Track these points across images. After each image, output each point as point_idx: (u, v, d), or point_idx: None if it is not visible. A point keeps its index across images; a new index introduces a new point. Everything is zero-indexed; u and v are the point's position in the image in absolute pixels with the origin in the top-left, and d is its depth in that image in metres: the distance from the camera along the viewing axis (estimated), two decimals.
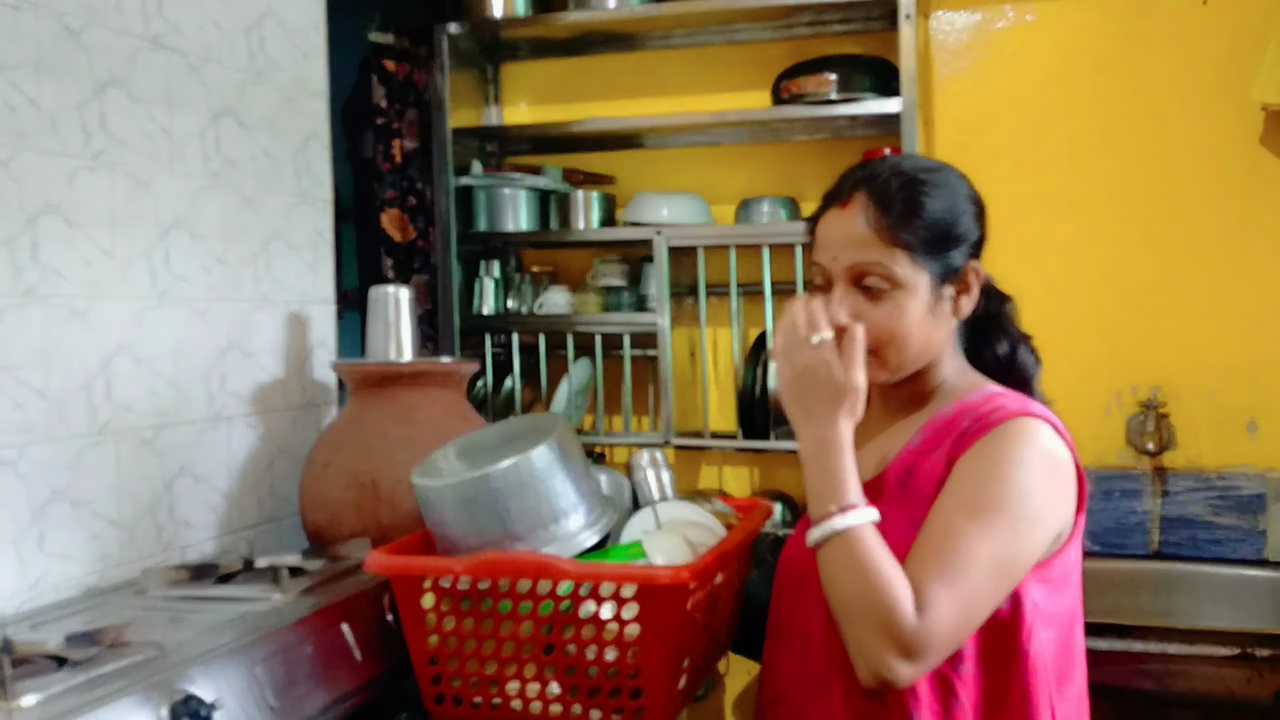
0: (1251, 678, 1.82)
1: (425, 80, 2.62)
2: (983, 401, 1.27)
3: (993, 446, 1.20)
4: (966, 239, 1.29)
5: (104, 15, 1.67)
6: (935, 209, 1.26)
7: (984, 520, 1.15)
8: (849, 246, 1.26)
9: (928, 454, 1.26)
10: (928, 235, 1.25)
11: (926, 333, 1.27)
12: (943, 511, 1.18)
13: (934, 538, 1.17)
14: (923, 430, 1.29)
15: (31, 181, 1.55)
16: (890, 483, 1.28)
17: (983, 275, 1.31)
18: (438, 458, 1.60)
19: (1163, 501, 2.34)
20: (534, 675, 1.43)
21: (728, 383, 2.59)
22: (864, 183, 1.27)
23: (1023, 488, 1.17)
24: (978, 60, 2.47)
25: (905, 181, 1.26)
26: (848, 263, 1.26)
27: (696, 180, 2.62)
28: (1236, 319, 2.31)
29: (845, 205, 1.27)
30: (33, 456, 1.54)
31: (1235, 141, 2.31)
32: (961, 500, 1.18)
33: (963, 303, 1.30)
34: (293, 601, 1.50)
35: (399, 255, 2.56)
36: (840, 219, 1.28)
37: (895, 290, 1.24)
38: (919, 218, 1.25)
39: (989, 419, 1.22)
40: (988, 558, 1.14)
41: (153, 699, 1.17)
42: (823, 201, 1.32)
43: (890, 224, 1.24)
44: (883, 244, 1.24)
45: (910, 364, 1.29)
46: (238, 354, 1.94)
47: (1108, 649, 1.86)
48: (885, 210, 1.24)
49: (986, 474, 1.18)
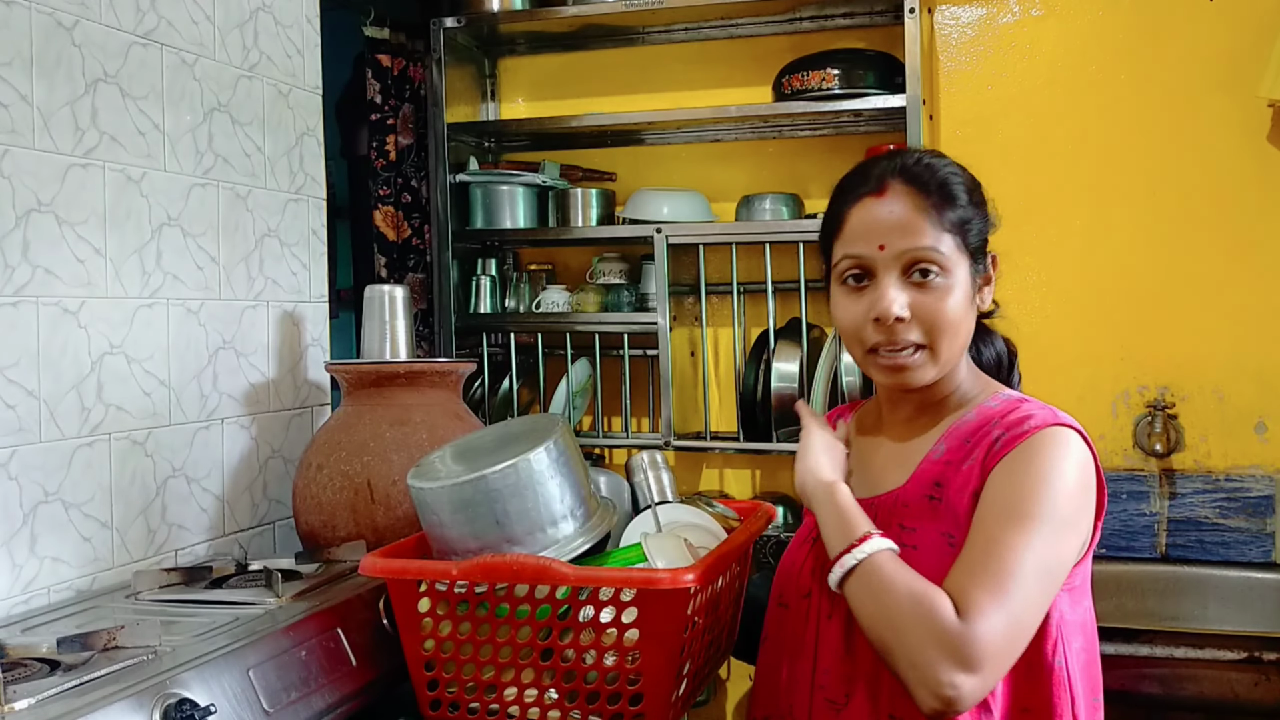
0: (1259, 681, 1.80)
1: (421, 75, 2.59)
2: (1006, 408, 1.23)
3: (1029, 456, 1.16)
4: (988, 229, 1.28)
5: (96, 10, 1.65)
6: (964, 194, 1.25)
7: (1026, 528, 1.12)
8: (898, 233, 1.21)
9: (956, 465, 1.22)
10: (965, 218, 1.23)
11: (968, 324, 1.25)
12: (983, 523, 1.15)
13: (977, 549, 1.13)
14: (945, 439, 1.25)
15: (22, 179, 1.53)
16: (916, 496, 1.24)
17: (998, 266, 1.30)
18: (434, 459, 1.58)
19: (1170, 503, 2.32)
20: (532, 680, 1.42)
21: (729, 383, 2.57)
22: (898, 171, 1.24)
23: (1061, 495, 1.15)
24: (983, 55, 2.45)
25: (931, 165, 1.25)
26: (899, 249, 1.21)
27: (697, 177, 2.60)
28: (1245, 319, 2.30)
29: (882, 193, 1.23)
30: (24, 458, 1.53)
31: (1242, 138, 2.29)
32: (1001, 510, 1.15)
33: (986, 293, 1.29)
34: (287, 605, 1.49)
35: (392, 254, 2.54)
36: (881, 206, 1.23)
37: (945, 276, 1.21)
38: (956, 200, 1.23)
39: (1021, 428, 1.18)
40: (1033, 565, 1.11)
41: (145, 703, 1.16)
42: (843, 191, 1.28)
43: (934, 206, 1.21)
44: (932, 228, 1.21)
45: (954, 359, 1.25)
46: (231, 354, 1.92)
47: (1114, 653, 1.84)
48: (926, 194, 1.22)
49: (1025, 483, 1.15)
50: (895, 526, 1.23)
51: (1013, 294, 2.42)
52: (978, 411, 1.25)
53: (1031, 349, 2.40)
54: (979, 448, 1.20)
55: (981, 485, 1.18)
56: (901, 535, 1.21)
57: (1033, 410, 1.21)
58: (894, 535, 1.20)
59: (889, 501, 1.26)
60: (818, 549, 1.29)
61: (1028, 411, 1.21)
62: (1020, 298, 2.41)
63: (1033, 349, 2.41)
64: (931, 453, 1.25)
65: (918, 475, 1.25)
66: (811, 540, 1.34)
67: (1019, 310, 2.41)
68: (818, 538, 1.29)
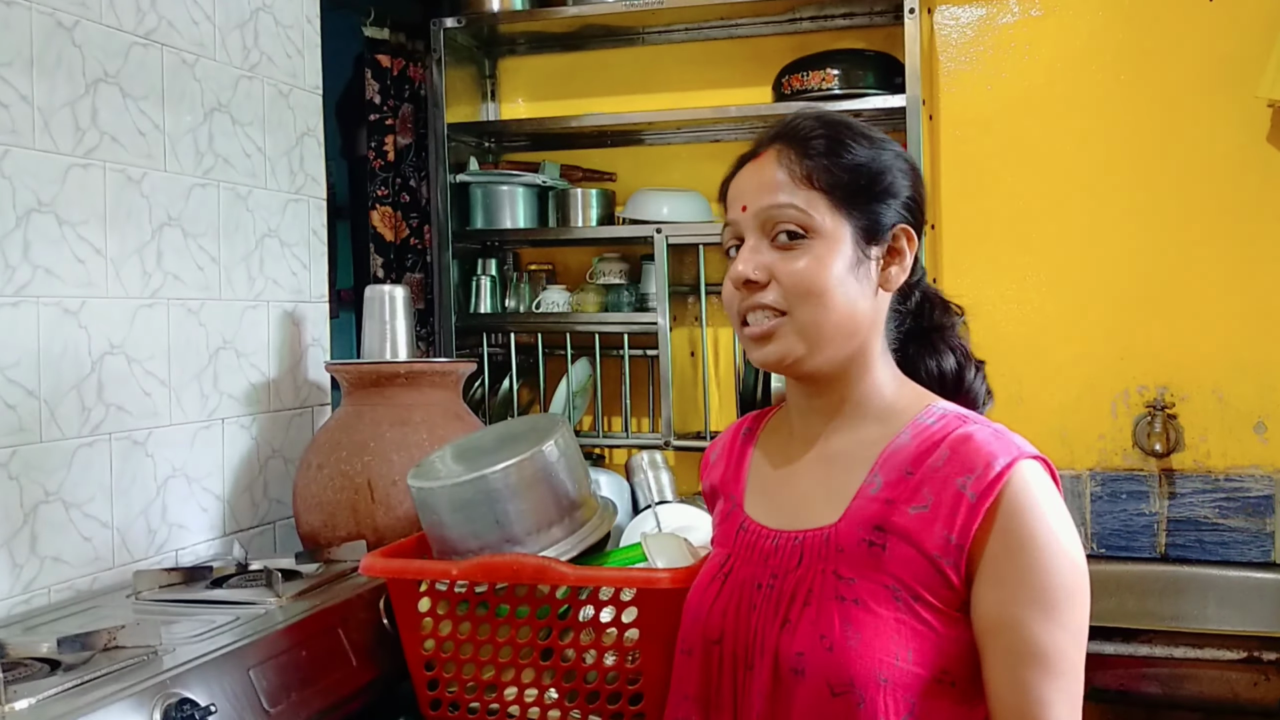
0: (1258, 681, 1.80)
1: (421, 75, 2.59)
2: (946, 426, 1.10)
3: (1024, 525, 1.03)
4: (896, 194, 1.13)
5: (96, 11, 1.65)
6: (857, 153, 1.12)
7: (1063, 614, 1.03)
8: (762, 191, 1.11)
9: (899, 506, 1.07)
10: (850, 180, 1.10)
11: (848, 297, 1.09)
12: (1014, 620, 1.02)
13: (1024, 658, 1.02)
14: (880, 469, 1.10)
15: (23, 179, 1.53)
16: (852, 541, 1.08)
17: (917, 244, 1.15)
18: (434, 459, 1.58)
19: (1170, 503, 2.32)
20: (532, 680, 1.42)
21: (729, 383, 2.57)
22: (780, 135, 1.14)
23: (1076, 556, 1.05)
24: (983, 55, 2.45)
25: (827, 124, 1.13)
26: (758, 208, 1.11)
27: (697, 177, 2.60)
28: (1244, 318, 2.29)
29: (758, 156, 1.15)
30: (24, 457, 1.53)
31: (1242, 138, 2.29)
32: (1028, 599, 1.02)
33: (892, 272, 1.13)
34: (287, 605, 1.49)
35: (389, 254, 2.54)
36: (753, 170, 1.14)
37: (813, 239, 1.09)
38: (839, 158, 1.11)
39: (987, 476, 1.04)
40: (1079, 654, 1.04)
41: (146, 703, 1.16)
42: (735, 163, 1.19)
43: (808, 166, 1.10)
44: (798, 187, 1.10)
45: (827, 336, 1.10)
46: (231, 354, 1.92)
47: (1114, 653, 1.84)
48: (804, 153, 1.11)
49: (1037, 567, 1.03)
50: (830, 574, 1.08)
51: (1013, 293, 2.42)
52: (913, 432, 1.11)
53: (1031, 349, 2.43)
54: (929, 489, 1.06)
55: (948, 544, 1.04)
56: (839, 586, 1.07)
57: (985, 440, 1.06)
58: (829, 584, 1.07)
59: (818, 541, 1.10)
60: (729, 588, 1.15)
61: (982, 445, 1.06)
62: (1020, 297, 2.41)
63: (1032, 348, 2.44)
64: (866, 485, 1.10)
65: (852, 514, 1.10)
66: (723, 577, 1.17)
67: (1019, 310, 2.42)
68: (730, 574, 1.16)
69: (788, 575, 1.11)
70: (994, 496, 1.03)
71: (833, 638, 1.05)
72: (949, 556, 1.04)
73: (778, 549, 1.13)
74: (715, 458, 1.32)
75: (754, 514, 1.19)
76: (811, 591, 1.08)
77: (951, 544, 1.04)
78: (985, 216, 2.43)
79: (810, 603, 1.08)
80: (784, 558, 1.12)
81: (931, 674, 1.04)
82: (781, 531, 1.14)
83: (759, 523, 1.18)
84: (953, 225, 2.44)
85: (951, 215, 2.44)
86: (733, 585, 1.15)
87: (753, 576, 1.14)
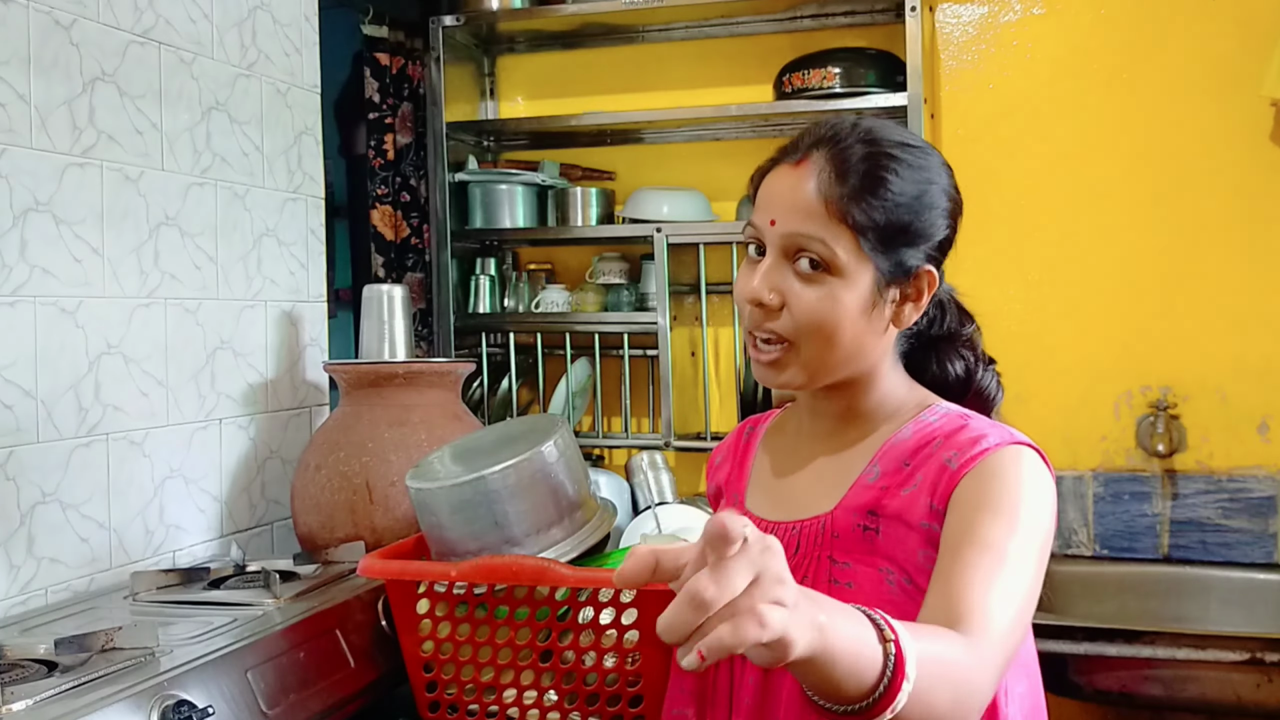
0: (1261, 683, 1.80)
1: (420, 74, 2.59)
2: (948, 425, 1.09)
3: (995, 471, 1.02)
4: (929, 237, 1.10)
5: (94, 9, 1.64)
6: (900, 191, 1.07)
7: (1015, 522, 0.98)
8: (791, 212, 1.07)
9: (893, 491, 1.08)
10: (884, 221, 1.06)
11: (858, 336, 1.08)
12: (965, 522, 1.00)
13: (968, 542, 0.97)
14: (879, 459, 1.11)
15: (20, 178, 1.53)
16: (847, 526, 1.09)
17: (936, 284, 1.12)
18: (433, 460, 1.57)
19: (1173, 504, 2.32)
20: (531, 682, 1.42)
21: (729, 383, 2.56)
22: (826, 142, 1.09)
23: (1041, 506, 1.02)
24: (985, 54, 2.44)
25: (872, 152, 1.07)
26: (785, 230, 1.07)
27: (697, 176, 2.59)
28: (1247, 318, 2.29)
29: (799, 164, 1.09)
30: (21, 458, 1.53)
31: (1245, 137, 2.28)
32: (981, 521, 0.99)
33: (906, 311, 1.11)
34: (285, 606, 1.49)
35: (390, 253, 2.53)
36: (788, 178, 1.09)
37: (832, 276, 1.06)
38: (878, 197, 1.06)
39: (975, 448, 1.04)
40: (1030, 568, 0.98)
41: (144, 705, 1.16)
42: (775, 155, 1.14)
43: (844, 196, 1.05)
44: (830, 218, 1.05)
45: (830, 369, 1.10)
46: (229, 354, 1.91)
47: (1116, 654, 1.83)
48: (842, 178, 1.06)
49: (1000, 492, 1.01)
50: (825, 559, 1.09)
51: (1015, 294, 2.41)
52: (914, 428, 1.11)
53: (1034, 349, 2.42)
54: (921, 470, 1.06)
55: (930, 510, 1.04)
56: (833, 570, 1.08)
57: (984, 429, 1.07)
58: (824, 569, 1.08)
59: (814, 529, 1.11)
60: None
61: (978, 430, 1.06)
62: (1023, 297, 2.41)
63: (1035, 349, 2.43)
64: (864, 475, 1.11)
65: (848, 501, 1.10)
66: None
67: (1022, 309, 2.41)
68: None
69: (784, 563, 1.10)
70: (975, 464, 1.02)
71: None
72: (932, 520, 1.03)
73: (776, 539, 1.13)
74: (720, 460, 1.32)
75: (755, 508, 1.19)
76: (806, 577, 1.09)
77: (933, 510, 1.03)
78: (987, 215, 2.42)
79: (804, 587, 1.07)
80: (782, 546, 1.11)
81: None
82: (779, 522, 1.14)
83: (759, 516, 1.18)
84: None
85: None
86: None
87: None
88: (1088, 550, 2.35)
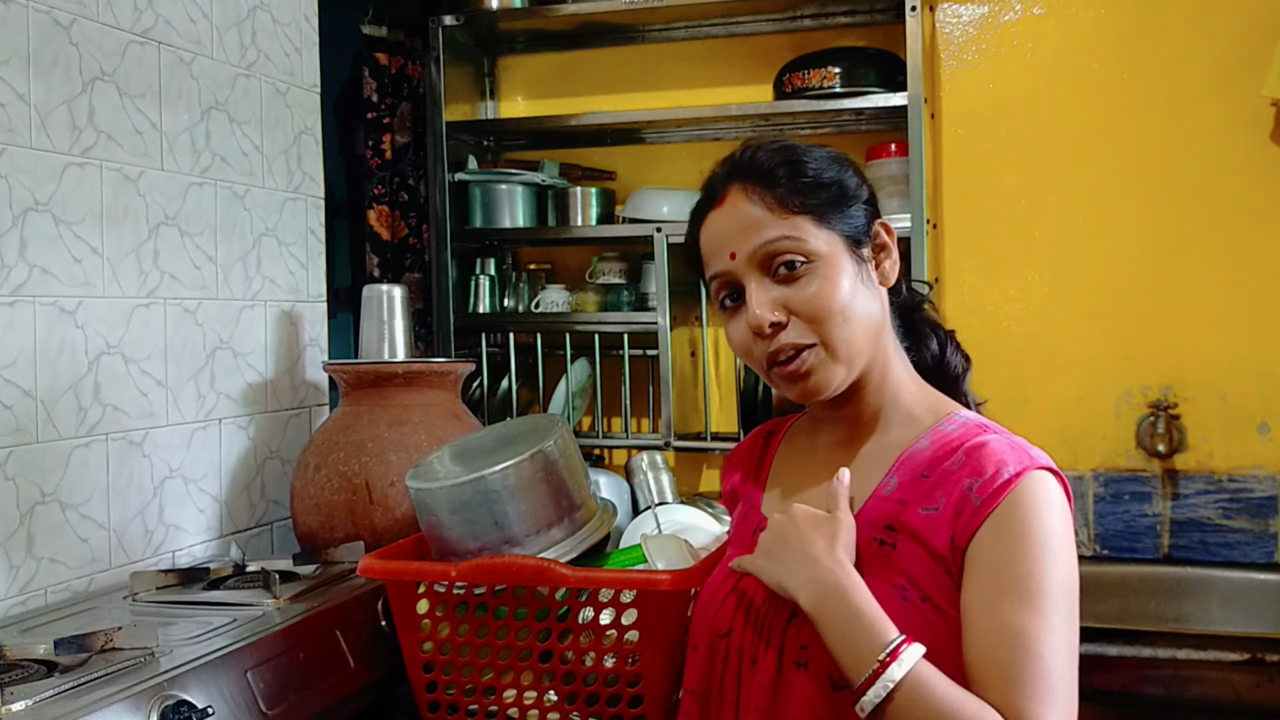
0: (1261, 683, 1.79)
1: (419, 73, 2.58)
2: (965, 435, 1.10)
3: (1019, 520, 1.03)
4: (858, 195, 1.15)
5: (93, 9, 1.64)
6: (816, 166, 1.13)
7: (1045, 611, 1.00)
8: (745, 233, 1.11)
9: (911, 506, 1.08)
10: (823, 194, 1.12)
11: (865, 305, 1.12)
12: (994, 609, 1.01)
13: (1003, 647, 0.99)
14: (896, 471, 1.12)
15: (19, 178, 1.53)
16: (863, 539, 1.10)
17: (894, 234, 1.18)
18: (432, 460, 1.57)
19: (1173, 504, 2.32)
20: (531, 683, 1.41)
21: (729, 383, 2.56)
22: (729, 173, 1.16)
23: (1064, 565, 1.03)
24: (985, 54, 2.44)
25: (774, 151, 1.15)
26: (750, 248, 1.11)
27: (698, 176, 2.54)
28: (1248, 318, 2.28)
29: (721, 202, 1.15)
30: (21, 458, 1.53)
31: (1246, 137, 2.28)
32: (1010, 592, 1.00)
33: (886, 267, 1.16)
34: (285, 607, 1.49)
35: (385, 253, 2.53)
36: (722, 216, 1.15)
37: (814, 262, 1.10)
38: (803, 177, 1.12)
39: (996, 481, 1.04)
40: (1064, 653, 1.00)
41: (143, 705, 1.16)
42: (693, 217, 1.20)
43: (780, 194, 1.11)
44: (781, 216, 1.10)
45: (858, 349, 1.11)
46: (228, 354, 1.91)
47: (1117, 654, 1.83)
48: (769, 183, 1.12)
49: (1026, 555, 1.02)
50: None
51: (1015, 293, 2.41)
52: (932, 438, 1.12)
53: (1034, 349, 2.42)
54: (941, 491, 1.07)
55: (952, 546, 1.05)
56: None
57: (1002, 450, 1.07)
58: None
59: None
60: (742, 584, 1.17)
61: (998, 451, 1.06)
62: (1022, 297, 2.40)
63: (1035, 349, 2.43)
64: (881, 486, 1.12)
65: (865, 513, 1.11)
66: (736, 577, 1.19)
67: (1022, 309, 2.41)
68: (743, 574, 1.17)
69: None
70: (998, 503, 1.04)
71: None
72: (953, 557, 1.05)
73: None
74: (737, 462, 1.34)
75: (771, 514, 1.19)
76: None
77: (955, 546, 1.05)
78: (987, 215, 2.42)
79: None
80: None
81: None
82: None
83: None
84: (954, 224, 2.43)
85: (953, 214, 2.43)
86: (745, 582, 1.16)
87: None
88: (1088, 550, 2.35)
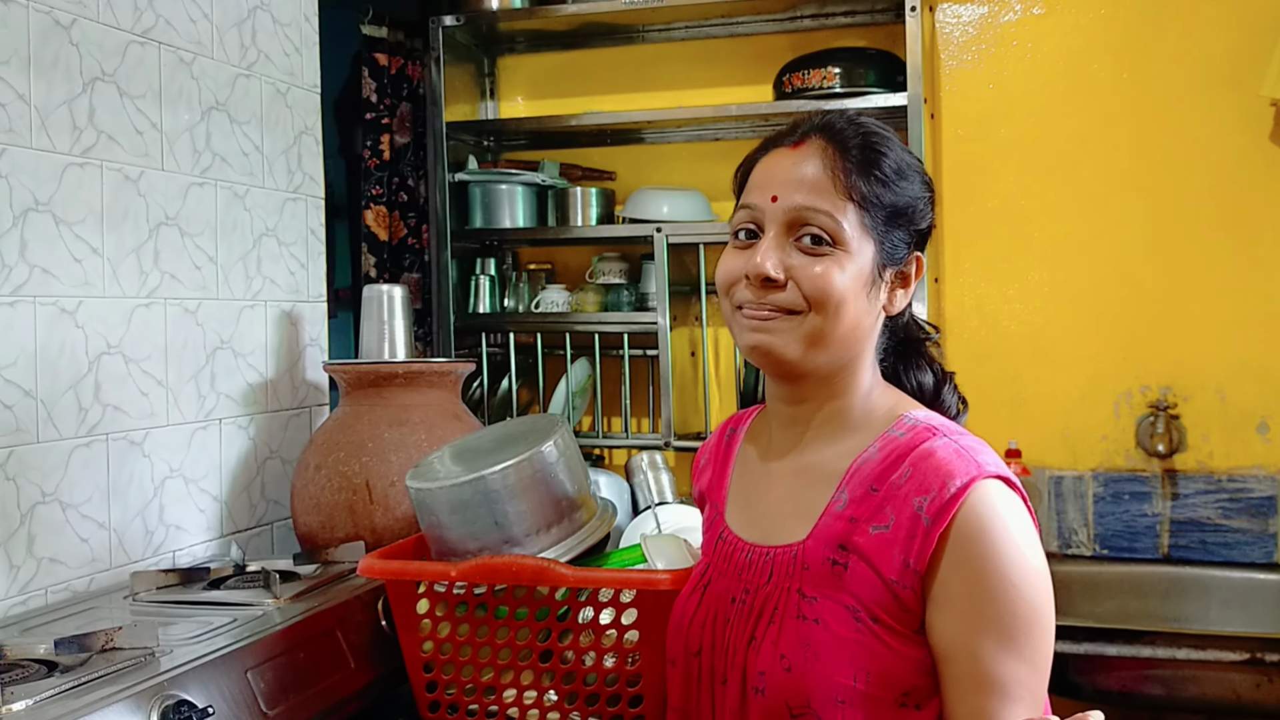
0: (1261, 683, 1.80)
1: (419, 74, 2.59)
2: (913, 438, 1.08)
3: (978, 543, 1.01)
4: (917, 222, 1.13)
5: (94, 9, 1.64)
6: (895, 170, 1.10)
7: (1028, 651, 1.00)
8: (797, 188, 1.08)
9: (861, 524, 1.06)
10: (886, 204, 1.09)
11: (858, 314, 1.09)
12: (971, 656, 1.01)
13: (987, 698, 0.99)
14: (847, 483, 1.09)
15: (20, 178, 1.53)
16: (817, 559, 1.08)
17: (924, 271, 1.15)
18: (433, 460, 1.57)
19: (1172, 504, 2.32)
20: (531, 682, 1.41)
21: (729, 383, 2.56)
22: (822, 129, 1.11)
23: (1034, 576, 1.02)
24: (985, 54, 2.44)
25: (866, 134, 1.11)
26: (790, 204, 1.08)
27: (698, 176, 2.59)
28: (1247, 318, 2.29)
29: (798, 145, 1.11)
30: (21, 458, 1.52)
31: (1245, 138, 2.28)
32: (989, 635, 1.00)
33: (898, 296, 1.13)
34: (285, 606, 1.49)
35: (382, 254, 2.53)
36: (789, 158, 1.10)
37: (837, 249, 1.07)
38: (877, 170, 1.09)
39: (944, 495, 1.02)
40: (1043, 684, 1.02)
41: (143, 705, 1.15)
42: (765, 143, 1.16)
43: (849, 170, 1.08)
44: (836, 193, 1.07)
45: (826, 345, 1.09)
46: (228, 354, 1.91)
47: (1116, 654, 1.83)
48: (846, 159, 1.08)
49: (996, 587, 1.01)
50: (794, 592, 1.08)
51: (1015, 293, 2.41)
52: (880, 444, 1.10)
53: (1033, 349, 2.42)
54: (891, 507, 1.05)
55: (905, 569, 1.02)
56: (801, 605, 1.07)
57: (947, 457, 1.04)
58: (793, 602, 1.08)
59: (786, 558, 1.10)
60: (707, 600, 1.16)
61: (943, 463, 1.04)
62: (1023, 297, 2.41)
63: (1034, 349, 2.43)
64: (833, 502, 1.09)
65: (819, 532, 1.09)
66: (702, 589, 1.18)
67: (1021, 310, 2.41)
68: (708, 585, 1.17)
69: (758, 591, 1.12)
70: (948, 520, 1.02)
71: (792, 658, 1.06)
72: (905, 581, 1.03)
73: (751, 563, 1.14)
74: (704, 462, 1.33)
75: (733, 525, 1.20)
76: (777, 609, 1.09)
77: (909, 569, 1.03)
78: (987, 215, 2.42)
79: (775, 620, 1.09)
80: (756, 573, 1.13)
81: (892, 695, 1.03)
82: (755, 545, 1.14)
83: (736, 534, 1.18)
84: (954, 224, 2.43)
85: (953, 214, 2.43)
86: (711, 597, 1.16)
87: (728, 590, 1.15)
88: (1088, 550, 2.35)
